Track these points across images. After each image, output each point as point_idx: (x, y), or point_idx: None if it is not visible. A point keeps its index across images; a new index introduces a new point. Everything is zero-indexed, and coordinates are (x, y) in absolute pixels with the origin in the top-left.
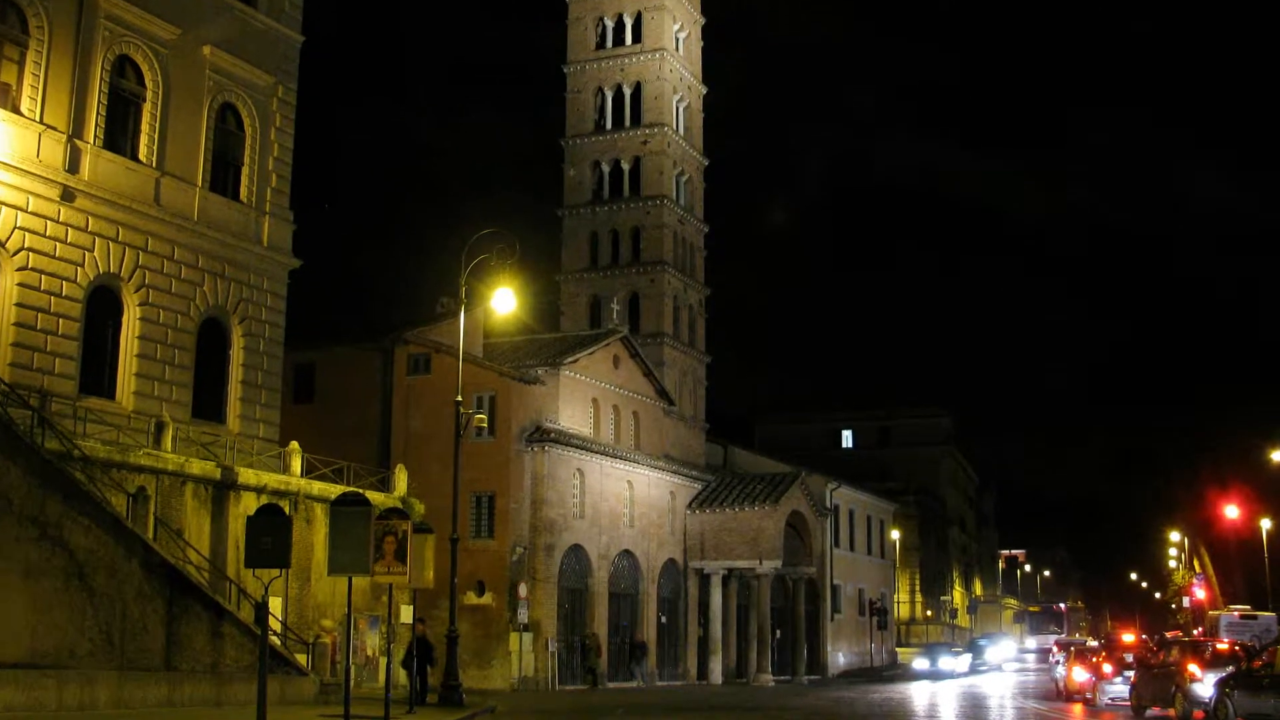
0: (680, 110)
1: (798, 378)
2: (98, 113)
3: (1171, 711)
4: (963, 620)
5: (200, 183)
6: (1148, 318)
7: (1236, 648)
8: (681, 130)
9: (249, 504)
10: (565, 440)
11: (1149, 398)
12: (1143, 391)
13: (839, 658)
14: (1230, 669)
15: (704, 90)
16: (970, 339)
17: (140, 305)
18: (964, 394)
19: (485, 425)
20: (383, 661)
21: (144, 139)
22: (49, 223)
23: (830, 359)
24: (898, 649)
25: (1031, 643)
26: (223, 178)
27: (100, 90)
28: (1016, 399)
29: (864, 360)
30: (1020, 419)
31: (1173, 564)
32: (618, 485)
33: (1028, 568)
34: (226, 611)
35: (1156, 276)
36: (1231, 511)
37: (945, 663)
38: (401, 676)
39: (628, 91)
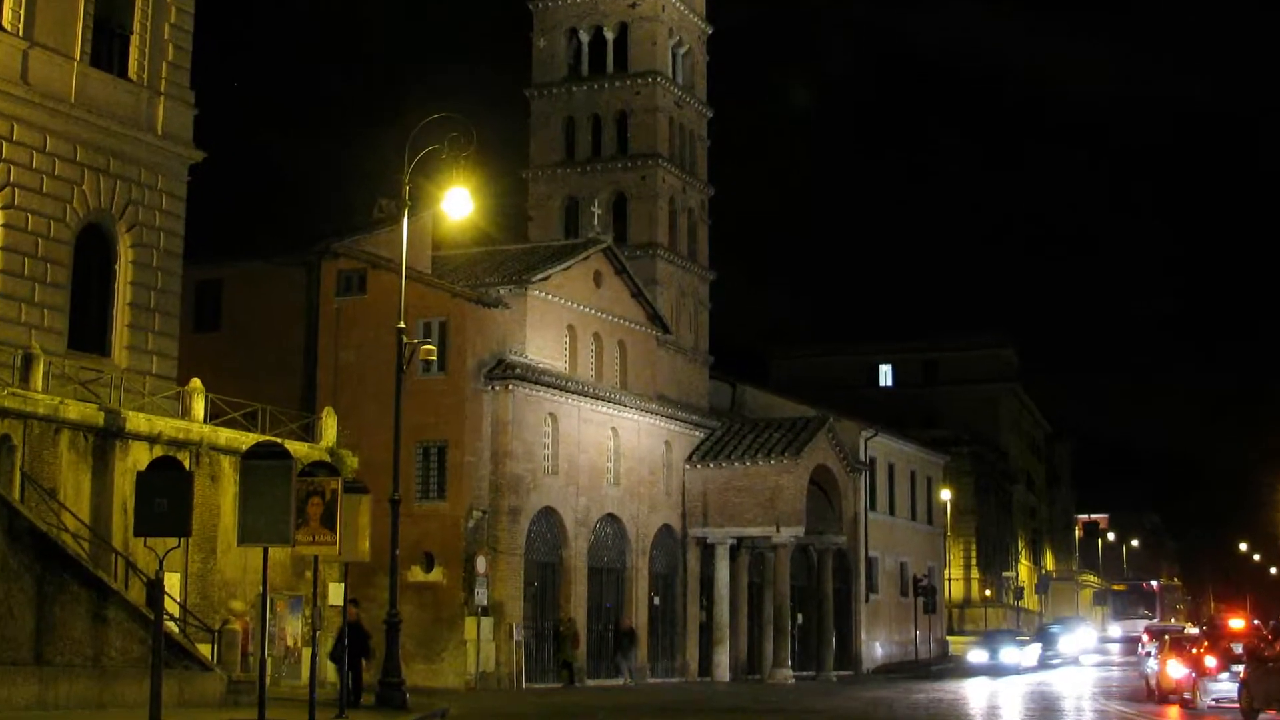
0: None
1: (824, 300)
2: None
3: None
4: (1030, 602)
5: (78, 55)
6: (1252, 228)
7: None
8: None
9: (139, 457)
10: (534, 377)
11: (1260, 329)
12: (1251, 320)
13: (875, 648)
14: None
15: None
16: (1036, 252)
17: (3, 209)
18: (1029, 320)
19: (434, 358)
20: (306, 653)
21: (7, 1)
22: None
23: (864, 277)
24: (949, 638)
25: (1116, 630)
26: (107, 50)
27: None
28: (1094, 326)
29: (905, 279)
30: (1100, 351)
31: None
32: (600, 433)
33: (1111, 536)
34: (112, 591)
35: (1256, 172)
36: None
37: (1008, 655)
38: (330, 672)
39: None
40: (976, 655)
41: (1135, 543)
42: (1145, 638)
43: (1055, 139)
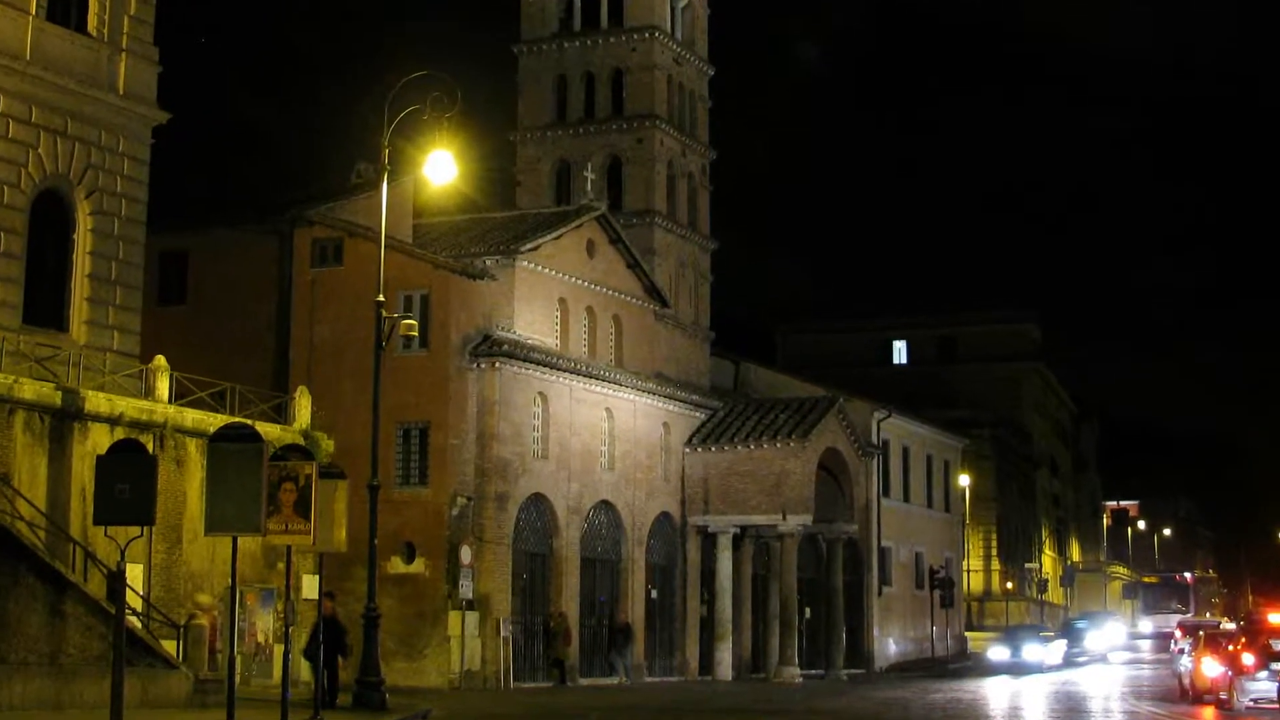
0: None
1: (833, 272)
2: None
3: None
4: (1055, 595)
5: (33, 9)
6: None
7: None
8: None
9: (99, 440)
10: (523, 354)
11: None
12: None
13: (889, 645)
14: None
15: None
16: (1060, 220)
17: None
18: (1053, 293)
19: (416, 334)
20: (278, 650)
21: None
22: None
23: (876, 247)
24: (967, 634)
25: (1147, 625)
26: (64, 3)
27: None
28: (1124, 299)
29: (920, 250)
30: (1130, 326)
31: None
32: (593, 414)
33: (1141, 525)
34: (70, 584)
35: None
36: None
37: (1031, 652)
38: (304, 670)
39: None
40: (997, 652)
41: (1167, 532)
42: (1178, 634)
43: (1086, 99)
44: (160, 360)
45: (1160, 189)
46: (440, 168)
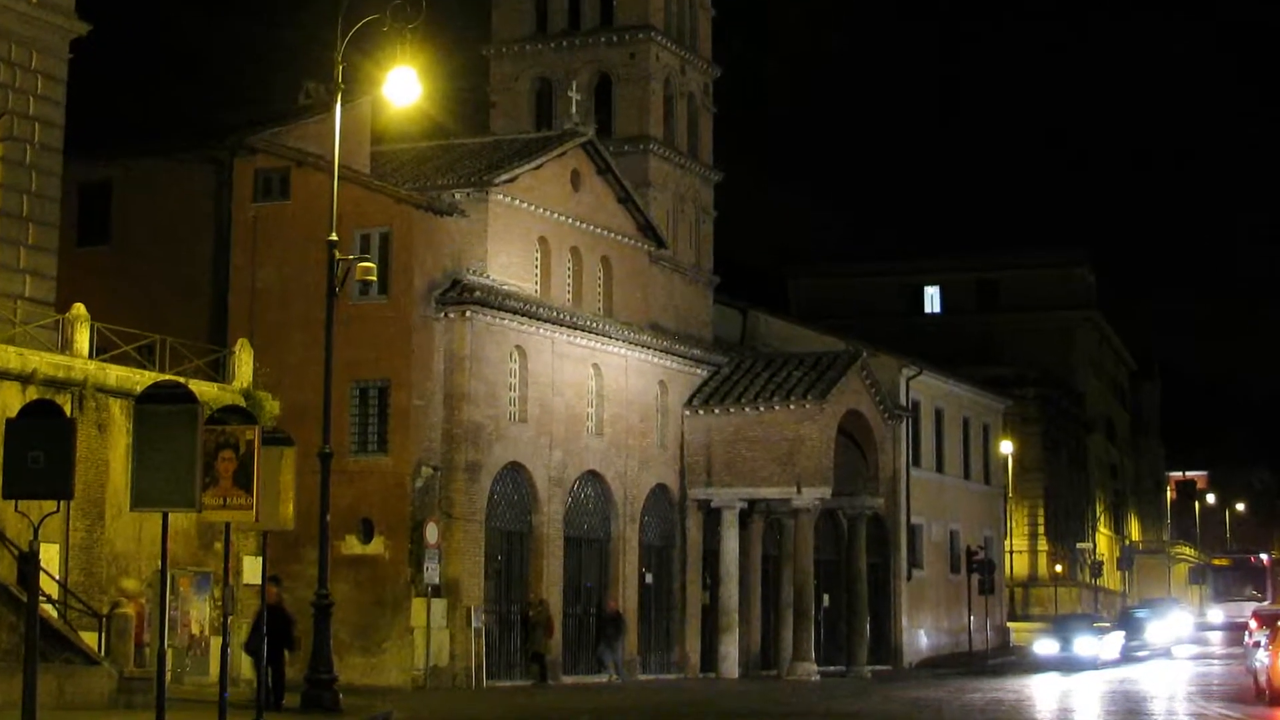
0: None
1: (856, 207)
2: None
3: None
4: (1111, 580)
5: None
6: None
7: None
8: None
9: (9, 400)
10: (498, 302)
11: None
12: None
13: (919, 637)
14: None
15: None
16: (1117, 153)
17: None
18: (1109, 232)
19: (374, 278)
20: (215, 643)
21: None
22: None
23: (904, 178)
24: (1010, 624)
25: (1217, 614)
26: None
27: None
28: (1190, 241)
29: (956, 180)
30: (1196, 272)
31: None
32: (579, 371)
33: (1211, 499)
34: None
35: None
36: None
37: (1084, 645)
38: (245, 666)
39: None
40: (1044, 646)
41: (1241, 507)
42: (1253, 624)
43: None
44: (79, 309)
45: (1242, 125)
46: (402, 87)
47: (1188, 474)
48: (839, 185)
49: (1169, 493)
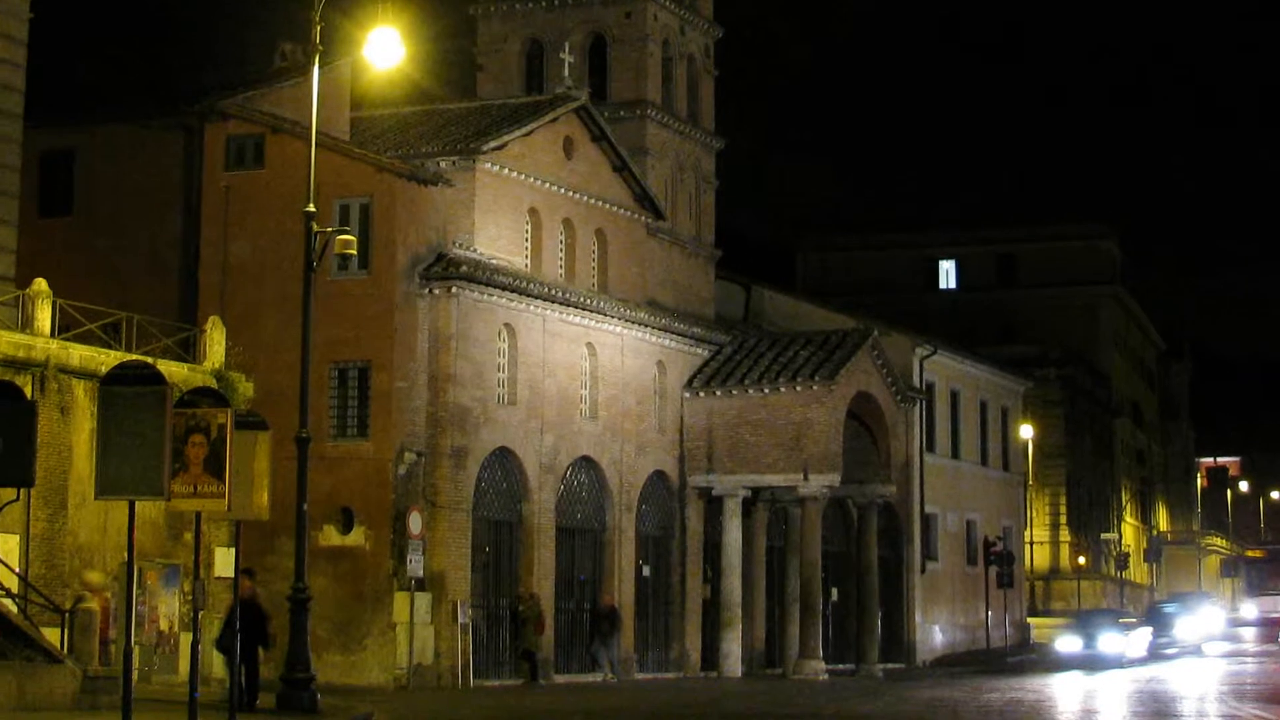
0: None
1: (867, 176)
2: None
3: None
4: (1138, 573)
5: None
6: None
7: None
8: None
9: None
10: (485, 277)
11: None
12: None
13: (934, 634)
14: None
15: None
16: (1143, 113)
17: None
18: (1136, 202)
19: (354, 252)
20: (185, 640)
21: None
22: None
23: (918, 145)
24: (1031, 620)
25: (1251, 609)
26: None
27: None
28: (1222, 211)
29: (971, 147)
30: (1229, 244)
31: None
32: (572, 351)
33: (1244, 486)
34: None
35: None
36: None
37: (1109, 643)
38: (217, 664)
39: None
40: (1067, 643)
41: (1276, 495)
42: None
43: None
44: (41, 284)
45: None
46: (384, 48)
47: (1219, 460)
48: (849, 154)
49: (1200, 480)
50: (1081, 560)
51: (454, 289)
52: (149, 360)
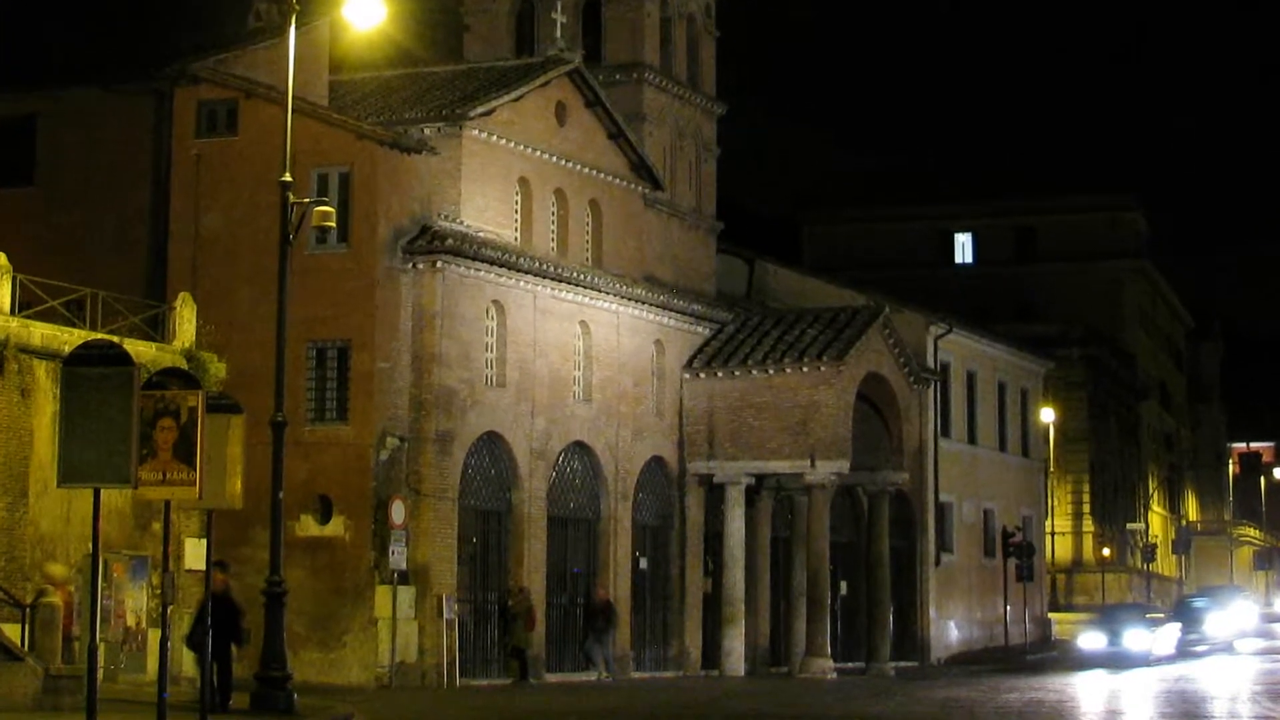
0: None
1: (878, 148)
2: None
3: None
4: (1165, 566)
5: None
6: None
7: None
8: None
9: None
10: (472, 251)
11: None
12: None
13: (949, 630)
14: None
15: None
16: (1171, 79)
17: None
18: (1163, 172)
19: (333, 224)
20: (154, 637)
21: None
22: None
23: (932, 111)
24: (1052, 615)
25: None
26: None
27: None
28: (1256, 181)
29: (989, 113)
30: (1263, 216)
31: None
32: (564, 329)
33: (1279, 474)
34: None
35: None
36: None
37: (1134, 639)
38: (188, 662)
39: None
40: (1090, 640)
41: None
42: None
43: None
44: (0, 259)
45: None
46: (365, 7)
47: (1252, 445)
48: (859, 122)
49: (1231, 466)
50: (1106, 552)
51: (439, 263)
52: (115, 339)
